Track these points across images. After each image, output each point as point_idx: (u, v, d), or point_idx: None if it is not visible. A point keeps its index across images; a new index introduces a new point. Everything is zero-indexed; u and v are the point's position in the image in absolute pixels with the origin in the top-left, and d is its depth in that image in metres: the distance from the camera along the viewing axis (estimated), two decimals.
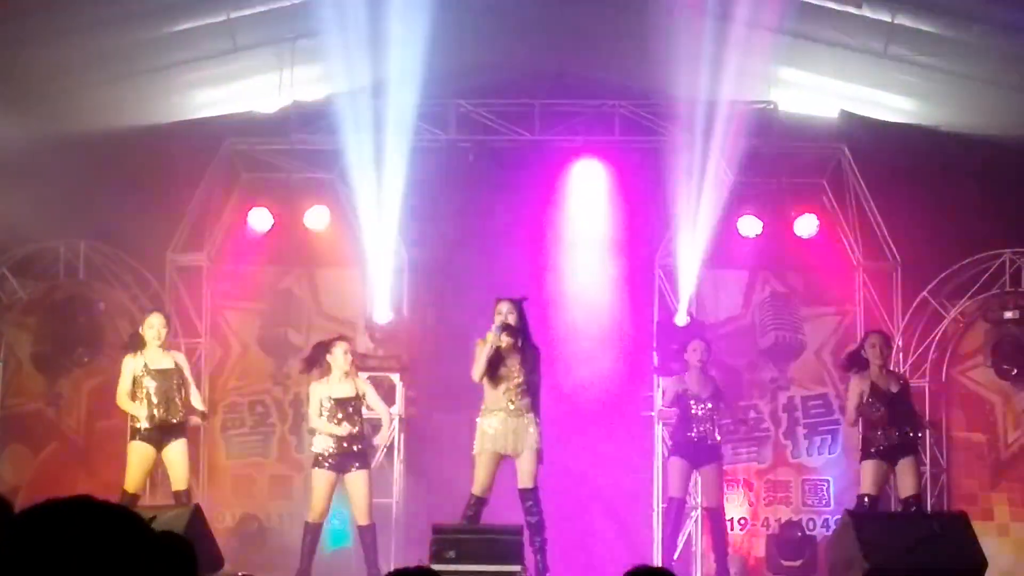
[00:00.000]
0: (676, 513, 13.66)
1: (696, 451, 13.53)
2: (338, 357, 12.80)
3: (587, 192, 16.00)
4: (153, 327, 12.74)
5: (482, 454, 11.68)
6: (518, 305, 11.70)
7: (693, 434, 13.52)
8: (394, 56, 15.88)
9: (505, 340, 11.56)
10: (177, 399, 12.63)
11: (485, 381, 11.67)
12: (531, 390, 11.71)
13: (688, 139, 15.48)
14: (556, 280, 15.76)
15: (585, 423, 15.27)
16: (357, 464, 12.71)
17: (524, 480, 11.65)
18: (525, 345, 11.69)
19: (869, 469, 12.75)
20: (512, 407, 11.59)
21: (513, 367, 11.62)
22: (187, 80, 15.24)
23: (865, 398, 12.75)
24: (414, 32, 15.34)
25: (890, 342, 13.26)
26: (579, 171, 15.91)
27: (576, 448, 15.17)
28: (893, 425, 12.64)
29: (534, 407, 11.69)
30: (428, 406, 15.61)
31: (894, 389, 12.75)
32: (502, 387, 11.59)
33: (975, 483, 15.19)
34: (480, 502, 11.70)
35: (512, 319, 11.59)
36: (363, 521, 12.87)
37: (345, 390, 12.74)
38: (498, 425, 11.60)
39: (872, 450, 12.77)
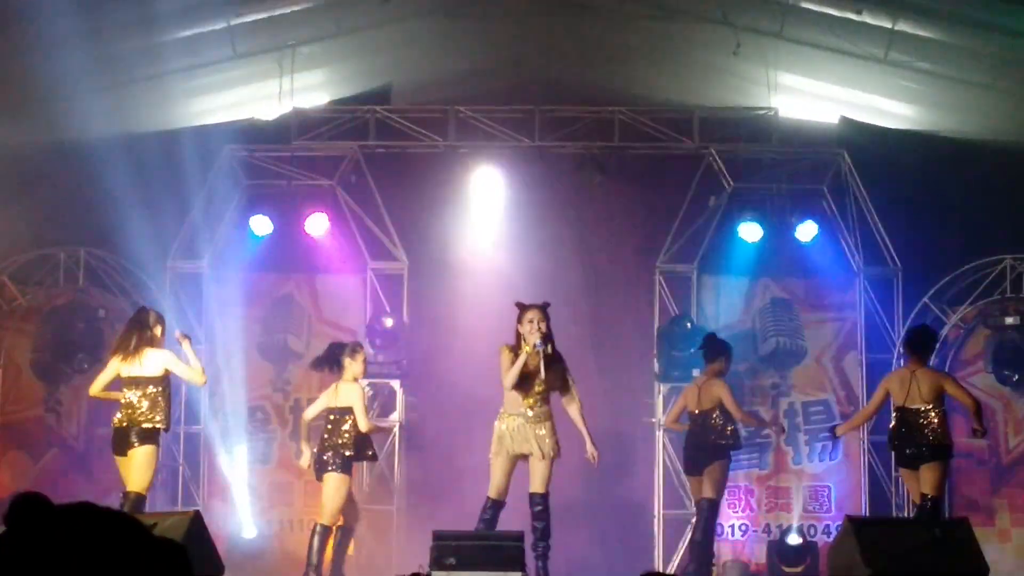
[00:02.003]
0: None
1: (696, 458, 13.41)
2: (358, 363, 12.75)
3: (586, 198, 15.99)
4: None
5: (498, 456, 11.63)
6: (546, 312, 11.66)
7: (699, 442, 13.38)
8: (393, 62, 15.92)
9: (543, 351, 11.52)
10: (149, 405, 12.34)
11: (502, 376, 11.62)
12: (550, 398, 11.69)
13: (688, 145, 15.50)
14: (556, 286, 15.72)
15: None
16: (332, 467, 12.56)
17: (536, 484, 11.62)
18: (553, 352, 11.63)
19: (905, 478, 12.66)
20: (531, 413, 11.53)
21: (536, 374, 11.56)
22: (187, 87, 15.24)
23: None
24: (413, 38, 15.39)
25: None
26: (578, 177, 15.89)
27: (577, 455, 15.15)
28: (903, 436, 12.44)
29: (552, 415, 11.67)
30: (428, 412, 15.61)
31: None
32: (523, 393, 11.55)
33: (976, 489, 15.18)
34: (496, 505, 11.67)
35: (544, 327, 11.54)
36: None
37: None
38: (515, 429, 11.56)
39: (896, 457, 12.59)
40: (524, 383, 11.49)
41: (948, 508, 14.98)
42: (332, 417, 12.48)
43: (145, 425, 11.92)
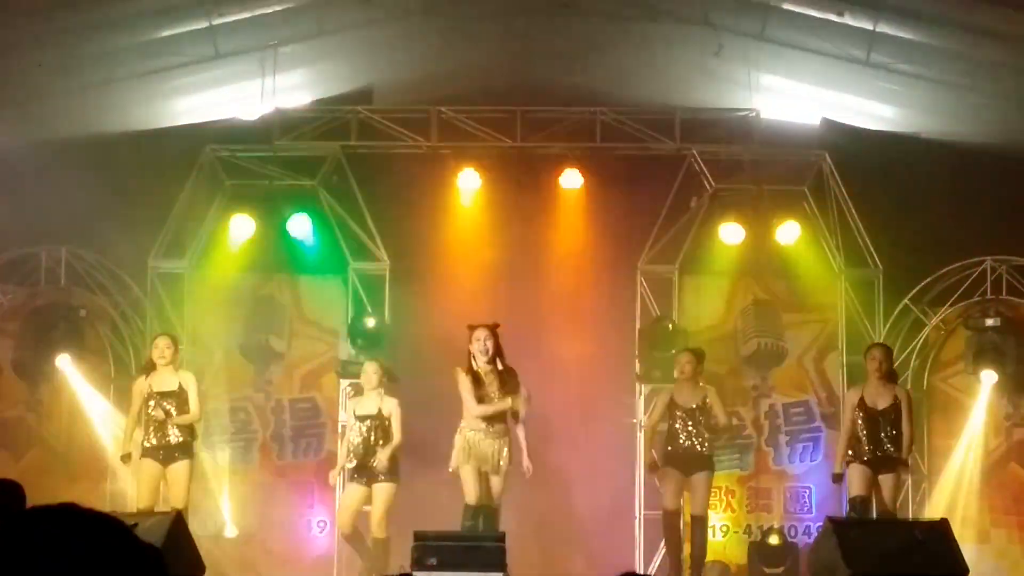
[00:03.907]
0: (674, 526, 13.56)
1: (685, 460, 13.48)
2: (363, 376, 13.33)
3: (569, 199, 15.99)
4: (158, 347, 13.14)
5: (463, 467, 11.94)
6: (494, 331, 11.96)
7: (681, 444, 13.45)
8: (376, 62, 15.91)
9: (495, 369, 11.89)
10: (173, 421, 12.86)
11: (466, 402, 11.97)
12: (509, 413, 12.01)
13: (670, 146, 15.51)
14: (538, 287, 15.74)
15: (567, 431, 15.25)
16: (382, 476, 13.06)
17: (491, 497, 11.97)
18: (503, 369, 11.92)
19: (855, 473, 12.82)
20: (491, 429, 11.88)
21: (492, 392, 11.86)
22: (169, 86, 15.21)
23: (853, 410, 12.84)
24: (396, 38, 15.37)
25: (890, 356, 13.32)
26: (561, 178, 15.88)
27: (557, 456, 15.16)
28: (872, 440, 12.69)
29: (509, 431, 12.00)
30: (410, 413, 15.57)
31: (880, 405, 12.78)
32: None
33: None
34: (478, 510, 11.88)
35: (490, 345, 11.85)
36: (377, 534, 13.17)
37: (368, 408, 13.27)
38: (475, 444, 11.90)
39: (853, 459, 12.84)
40: (478, 399, 11.81)
41: (928, 509, 15.03)
42: (366, 425, 13.08)
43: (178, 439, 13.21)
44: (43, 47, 13.75)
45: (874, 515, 12.83)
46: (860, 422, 12.79)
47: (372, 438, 13.03)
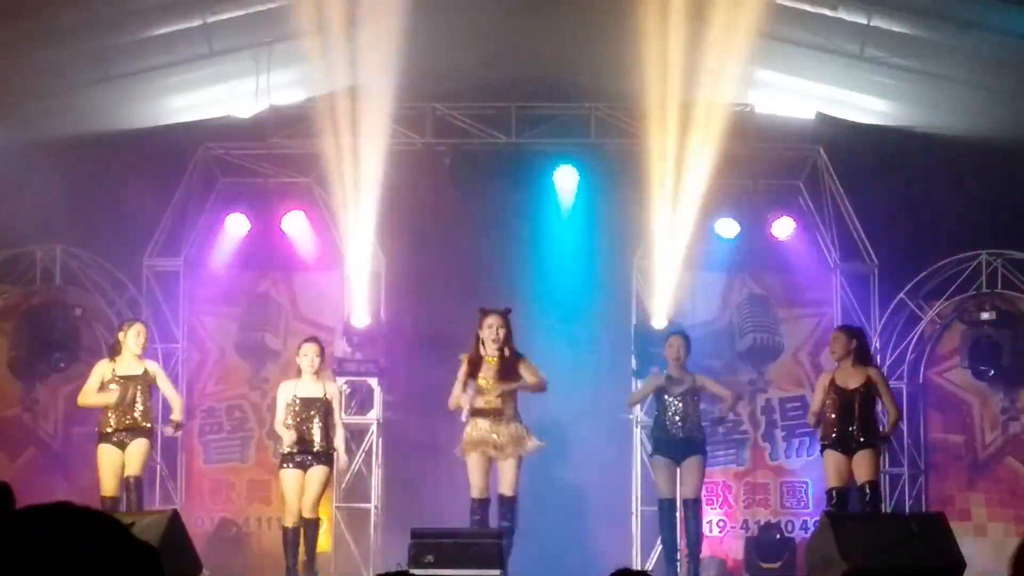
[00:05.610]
0: (670, 514, 13.44)
1: (676, 447, 13.36)
2: (304, 359, 12.77)
3: (564, 195, 15.99)
4: (127, 335, 12.83)
5: (468, 456, 11.83)
6: (505, 318, 11.87)
7: (672, 430, 13.33)
8: (370, 59, 15.88)
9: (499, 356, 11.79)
10: (138, 406, 12.67)
11: (470, 387, 11.83)
12: (514, 396, 11.89)
13: (664, 141, 15.50)
14: (533, 283, 15.73)
15: (563, 426, 15.25)
16: (317, 461, 12.57)
17: (504, 486, 11.80)
18: (510, 356, 11.84)
19: (828, 461, 12.71)
20: (496, 415, 11.75)
21: (490, 377, 11.77)
22: (164, 84, 15.22)
23: (825, 392, 12.76)
24: (390, 35, 15.35)
25: (853, 335, 13.08)
26: (555, 174, 15.88)
27: (553, 452, 15.15)
28: (843, 420, 12.60)
29: (519, 415, 11.86)
30: (406, 410, 15.59)
31: (851, 385, 12.67)
32: (483, 395, 11.77)
33: (952, 484, 15.22)
34: (483, 504, 11.82)
35: (502, 333, 11.75)
36: (307, 514, 12.68)
37: (312, 391, 12.71)
38: (484, 429, 11.74)
39: (825, 442, 12.74)
40: (479, 386, 11.77)
41: (925, 503, 15.05)
42: (309, 408, 12.58)
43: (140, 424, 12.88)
44: (37, 46, 13.74)
45: (861, 504, 12.70)
46: (832, 403, 12.68)
47: (313, 422, 12.59)
